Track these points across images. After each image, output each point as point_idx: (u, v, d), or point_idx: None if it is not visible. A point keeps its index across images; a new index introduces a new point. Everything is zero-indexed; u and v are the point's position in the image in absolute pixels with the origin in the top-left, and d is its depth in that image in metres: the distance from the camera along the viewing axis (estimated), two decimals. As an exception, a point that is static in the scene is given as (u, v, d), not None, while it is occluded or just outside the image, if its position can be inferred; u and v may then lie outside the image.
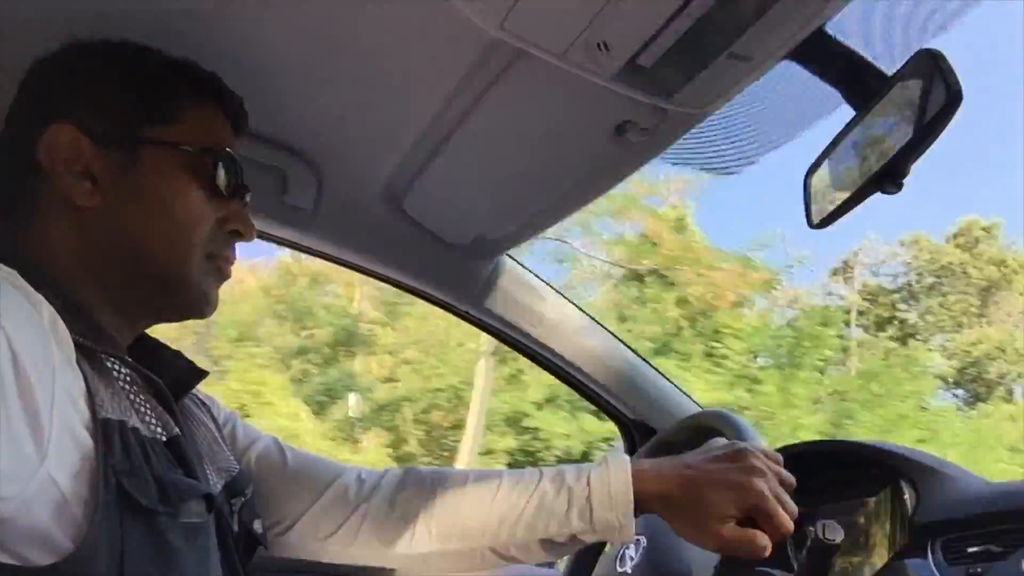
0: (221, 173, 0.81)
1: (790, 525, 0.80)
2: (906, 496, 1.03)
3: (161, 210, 0.77)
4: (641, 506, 0.85)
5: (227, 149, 0.82)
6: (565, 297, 1.50)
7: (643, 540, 1.06)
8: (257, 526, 0.88)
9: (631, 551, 1.08)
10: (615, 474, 0.86)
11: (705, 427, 1.12)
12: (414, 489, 0.95)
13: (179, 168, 0.78)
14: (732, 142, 1.09)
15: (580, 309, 1.52)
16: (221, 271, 0.83)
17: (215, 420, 0.94)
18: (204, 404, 0.94)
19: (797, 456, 1.26)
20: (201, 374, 0.83)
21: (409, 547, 0.93)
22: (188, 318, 0.83)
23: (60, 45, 0.79)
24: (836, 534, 0.83)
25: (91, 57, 0.78)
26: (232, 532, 0.82)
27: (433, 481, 0.95)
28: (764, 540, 0.80)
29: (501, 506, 0.90)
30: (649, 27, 0.71)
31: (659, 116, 0.90)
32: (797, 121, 1.01)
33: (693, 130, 0.93)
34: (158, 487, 0.63)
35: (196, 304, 0.81)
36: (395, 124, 1.06)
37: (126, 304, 0.78)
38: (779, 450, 1.27)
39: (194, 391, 0.87)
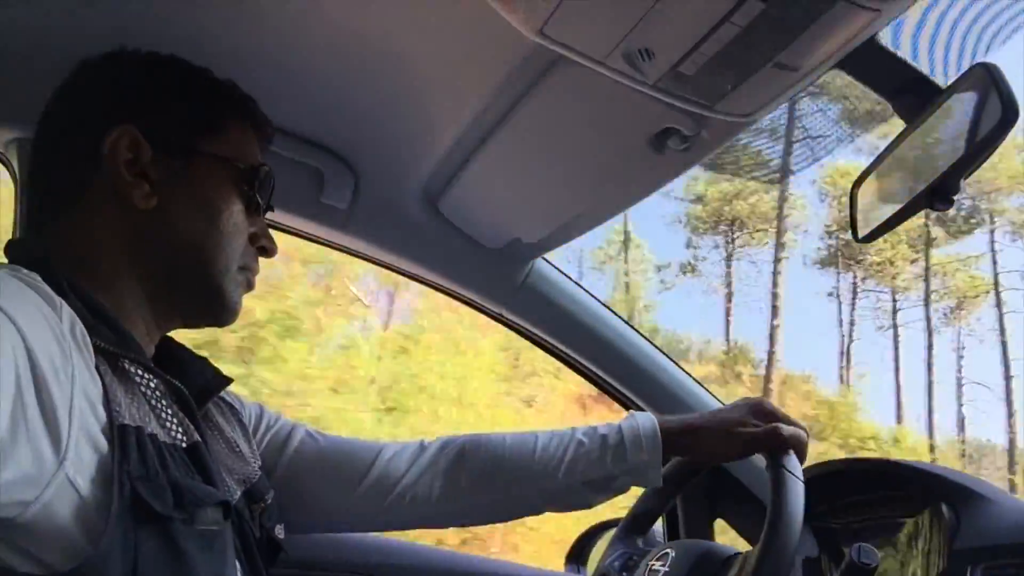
0: (261, 190, 0.85)
1: (802, 428, 0.95)
2: (946, 519, 1.00)
3: (208, 219, 0.80)
4: (668, 446, 0.98)
5: (267, 168, 0.86)
6: (599, 301, 1.49)
7: (671, 552, 1.04)
8: (279, 531, 0.90)
9: (659, 563, 1.06)
10: (642, 422, 1.00)
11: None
12: (456, 458, 1.02)
13: (227, 181, 0.82)
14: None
15: (615, 313, 1.50)
16: (249, 283, 0.86)
17: (241, 423, 0.95)
18: (232, 407, 0.94)
19: (836, 473, 1.23)
20: (225, 381, 0.84)
21: (457, 505, 1.01)
22: (212, 325, 0.85)
23: (108, 50, 0.81)
24: (872, 558, 0.81)
25: (149, 67, 0.81)
26: (254, 538, 0.83)
27: (473, 446, 1.02)
28: (786, 429, 0.94)
29: (542, 455, 1.00)
30: (693, 35, 0.70)
31: (700, 124, 0.88)
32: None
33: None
34: (174, 493, 0.63)
35: (225, 312, 0.84)
36: (433, 126, 1.06)
37: (159, 306, 0.79)
38: (817, 466, 1.24)
39: (222, 393, 0.87)
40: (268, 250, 0.88)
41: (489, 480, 1.00)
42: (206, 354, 0.87)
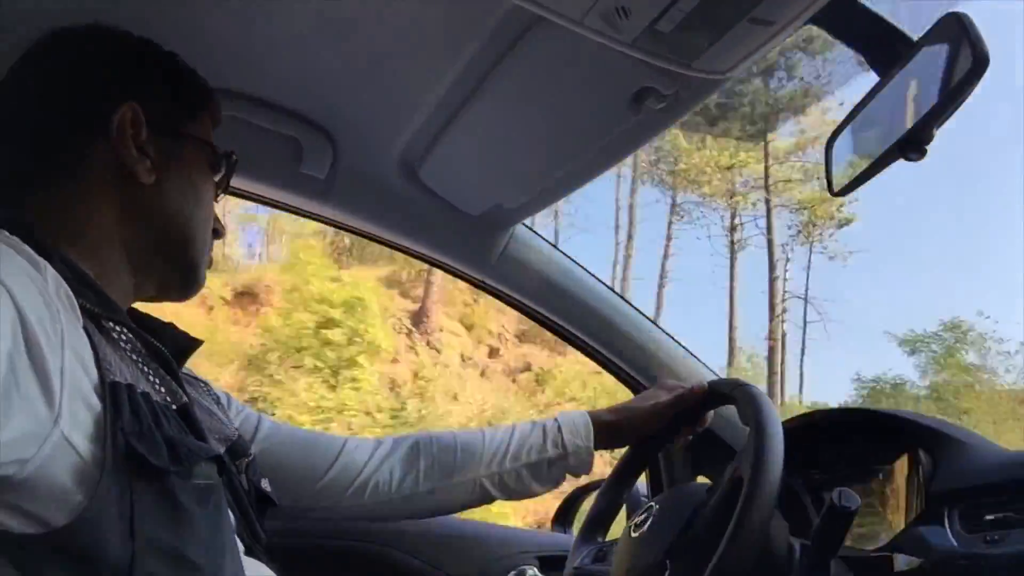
0: (228, 175, 0.91)
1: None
2: (922, 463, 1.03)
3: (194, 199, 0.85)
4: (601, 430, 1.15)
5: (235, 154, 0.90)
6: (581, 267, 1.50)
7: (654, 505, 1.07)
8: (265, 484, 0.92)
9: (642, 517, 1.09)
10: (575, 413, 1.17)
11: (719, 395, 1.11)
12: (412, 448, 1.14)
13: (207, 165, 0.87)
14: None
15: (597, 279, 1.51)
16: (210, 262, 0.90)
17: (213, 396, 0.97)
18: (201, 381, 0.97)
19: (811, 425, 1.26)
20: (196, 342, 0.86)
21: (414, 492, 1.12)
22: (178, 299, 0.89)
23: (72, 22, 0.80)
24: (852, 501, 0.83)
25: (138, 48, 0.83)
26: (245, 492, 0.84)
27: (427, 437, 1.16)
28: (697, 385, 1.14)
29: (490, 443, 1.14)
30: (669, -9, 0.70)
31: (679, 82, 0.89)
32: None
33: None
34: (169, 448, 0.64)
35: (194, 286, 0.89)
36: (410, 92, 1.05)
37: (140, 276, 0.82)
38: (793, 419, 1.27)
39: (185, 369, 0.89)
40: (219, 232, 0.91)
41: (443, 467, 1.13)
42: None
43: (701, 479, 1.52)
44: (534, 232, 1.43)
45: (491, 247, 1.37)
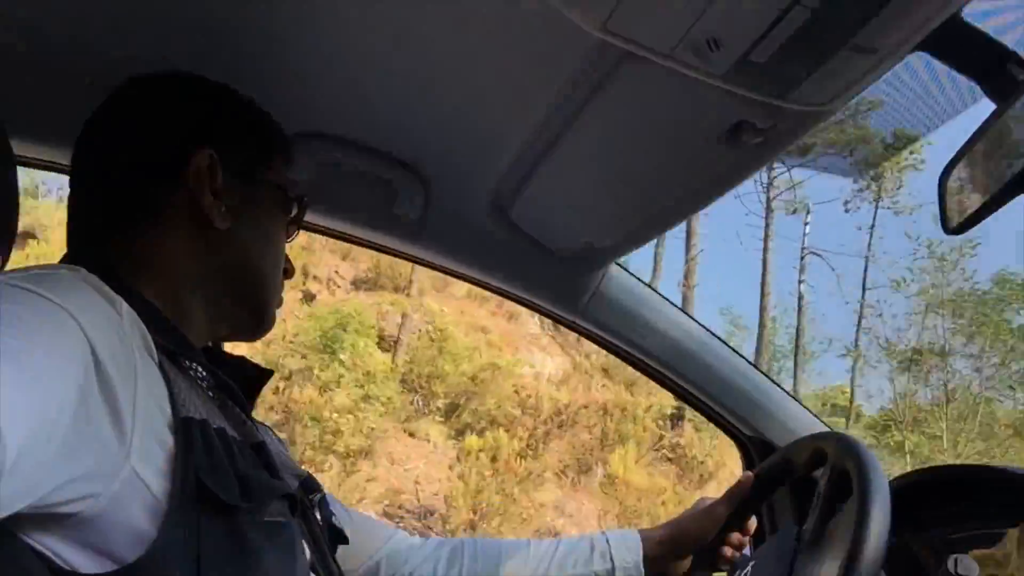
0: (300, 218, 0.92)
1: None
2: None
3: (267, 243, 0.87)
4: (651, 548, 1.12)
5: (306, 199, 0.92)
6: (678, 307, 1.45)
7: (752, 562, 1.02)
8: (336, 521, 0.93)
9: (745, 570, 1.04)
10: (625, 530, 1.15)
11: (822, 451, 1.04)
12: (456, 548, 1.13)
13: (280, 209, 0.89)
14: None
15: (694, 319, 1.47)
16: (280, 303, 0.91)
17: (279, 439, 0.98)
18: (262, 423, 0.97)
19: (919, 484, 1.17)
20: (267, 373, 0.88)
21: None
22: (249, 339, 0.91)
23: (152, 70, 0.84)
24: (971, 571, 0.76)
25: (215, 94, 0.85)
26: (320, 528, 0.84)
27: (472, 542, 1.15)
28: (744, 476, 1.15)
29: (535, 551, 1.13)
30: (762, 21, 0.67)
31: (776, 115, 0.85)
32: (932, 117, 0.93)
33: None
34: (240, 485, 0.64)
35: (265, 327, 0.90)
36: (500, 133, 1.05)
37: (214, 317, 0.83)
38: (899, 478, 1.18)
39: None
40: (288, 272, 0.93)
41: (486, 571, 1.11)
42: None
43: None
44: (627, 272, 1.40)
45: (582, 287, 1.35)
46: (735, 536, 1.13)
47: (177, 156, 0.79)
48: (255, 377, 0.87)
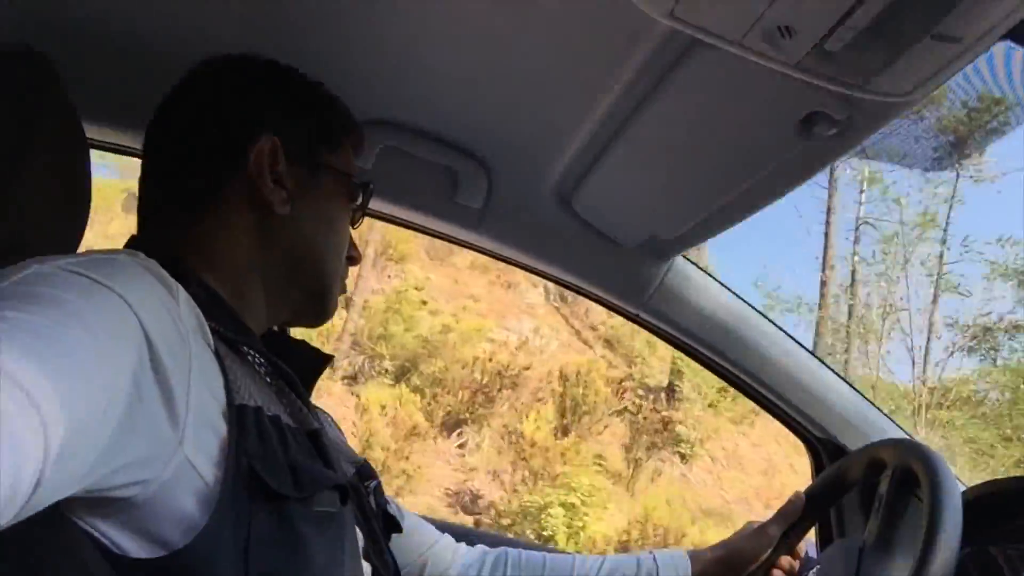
0: (364, 205, 0.91)
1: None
2: None
3: (328, 229, 0.86)
4: (700, 568, 1.09)
5: (371, 184, 0.91)
6: (746, 302, 1.41)
7: (817, 566, 1.00)
8: (392, 509, 0.93)
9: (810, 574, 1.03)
10: (673, 550, 1.12)
11: (878, 459, 0.99)
12: (499, 557, 1.13)
13: (343, 195, 0.88)
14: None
15: (763, 316, 1.42)
16: (344, 289, 0.91)
17: (337, 426, 0.98)
18: (320, 410, 0.97)
19: (999, 494, 1.11)
20: (327, 358, 0.88)
21: None
22: (311, 325, 0.90)
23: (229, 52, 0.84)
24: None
25: (282, 78, 0.85)
26: (375, 516, 0.84)
27: (516, 552, 1.14)
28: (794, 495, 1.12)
29: (579, 566, 1.12)
30: (837, 7, 0.63)
31: (852, 106, 0.80)
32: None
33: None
34: (292, 474, 0.64)
35: (327, 313, 0.89)
36: (565, 121, 1.03)
37: (274, 303, 0.83)
38: (978, 487, 1.12)
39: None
40: (355, 258, 0.92)
41: None
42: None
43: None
44: (695, 265, 1.36)
45: (647, 280, 1.31)
46: (785, 560, 1.10)
47: (238, 141, 0.79)
48: (315, 360, 0.87)
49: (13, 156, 0.71)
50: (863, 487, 1.07)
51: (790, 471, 10.52)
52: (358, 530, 0.79)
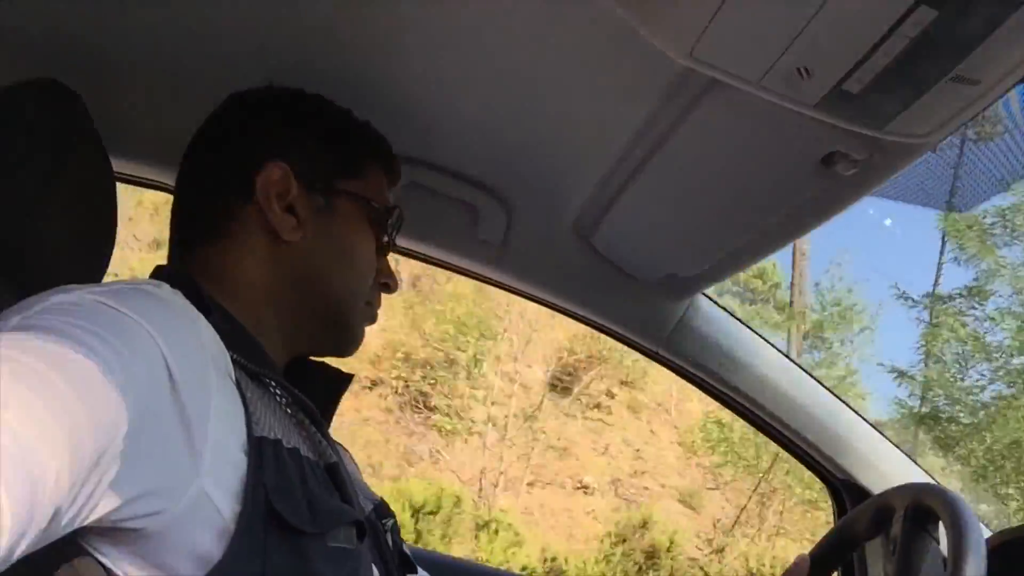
0: (392, 231, 0.89)
1: None
2: None
3: (345, 256, 0.84)
4: None
5: (399, 210, 0.90)
6: (767, 342, 1.40)
7: None
8: (407, 549, 0.90)
9: None
10: None
11: (886, 505, 0.96)
12: None
13: (364, 221, 0.86)
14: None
15: (785, 355, 1.41)
16: (373, 317, 0.89)
17: (352, 462, 0.96)
18: (338, 444, 0.96)
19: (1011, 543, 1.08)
20: (346, 378, 0.87)
21: None
22: (335, 355, 0.89)
23: (255, 85, 0.86)
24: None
25: (298, 106, 0.85)
26: (392, 554, 0.83)
27: None
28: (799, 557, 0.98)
29: None
30: (856, 50, 0.63)
31: (872, 147, 0.80)
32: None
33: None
34: (310, 508, 0.63)
35: (350, 344, 0.88)
36: (584, 158, 1.04)
37: (290, 332, 0.82)
38: (1002, 533, 1.10)
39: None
40: (390, 286, 0.91)
41: None
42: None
43: None
44: (714, 303, 1.36)
45: (666, 317, 1.31)
46: None
47: (245, 169, 0.79)
48: (336, 380, 0.87)
49: (41, 187, 0.73)
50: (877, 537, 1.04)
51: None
52: (375, 568, 0.78)
